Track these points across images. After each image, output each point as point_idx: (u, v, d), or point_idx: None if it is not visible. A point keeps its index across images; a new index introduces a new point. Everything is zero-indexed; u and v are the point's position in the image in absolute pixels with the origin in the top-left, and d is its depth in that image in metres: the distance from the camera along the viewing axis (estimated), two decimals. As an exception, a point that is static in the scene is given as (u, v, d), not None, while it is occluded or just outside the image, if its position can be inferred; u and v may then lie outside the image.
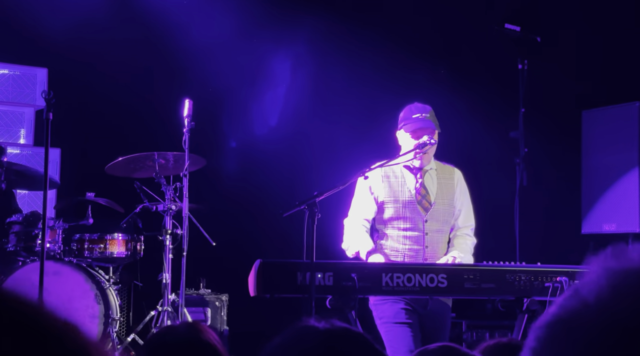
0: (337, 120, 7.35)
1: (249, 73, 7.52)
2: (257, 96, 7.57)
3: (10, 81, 7.32)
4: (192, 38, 7.25)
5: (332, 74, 7.38)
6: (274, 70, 7.54)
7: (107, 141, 7.19)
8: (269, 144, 7.46)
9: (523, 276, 4.21)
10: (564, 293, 0.91)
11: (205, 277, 6.68)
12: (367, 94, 7.33)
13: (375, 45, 7.33)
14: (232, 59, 7.42)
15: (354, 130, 7.16)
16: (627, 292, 0.84)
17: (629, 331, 0.82)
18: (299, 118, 7.43)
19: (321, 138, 7.32)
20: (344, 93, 7.37)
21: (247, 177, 7.43)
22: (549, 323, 0.89)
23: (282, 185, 7.03)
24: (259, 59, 7.51)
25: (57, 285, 5.87)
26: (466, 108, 7.01)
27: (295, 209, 3.97)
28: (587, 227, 6.94)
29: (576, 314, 0.86)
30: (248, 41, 7.44)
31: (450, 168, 4.58)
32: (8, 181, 6.04)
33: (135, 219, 6.22)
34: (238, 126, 7.59)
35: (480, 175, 6.23)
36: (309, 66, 7.42)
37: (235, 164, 7.56)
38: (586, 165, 7.00)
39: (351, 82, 7.37)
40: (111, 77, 7.14)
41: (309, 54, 7.38)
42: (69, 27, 7.03)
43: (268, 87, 7.57)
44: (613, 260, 0.89)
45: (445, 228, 4.47)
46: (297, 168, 7.26)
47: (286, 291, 4.04)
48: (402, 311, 4.24)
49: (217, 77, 7.33)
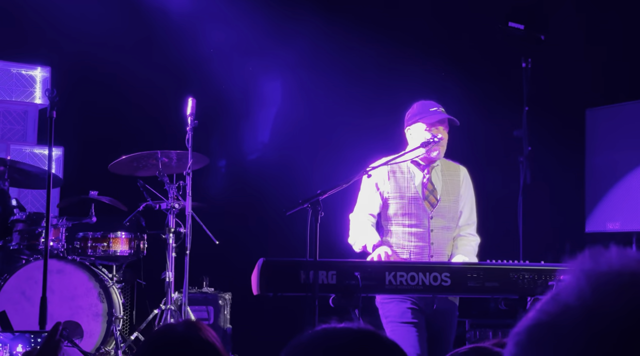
0: (340, 119, 7.34)
1: (252, 72, 7.51)
2: (260, 96, 7.56)
3: (13, 79, 7.33)
4: (196, 36, 7.25)
5: (335, 72, 7.37)
6: (277, 69, 7.53)
7: (110, 139, 7.19)
8: (272, 142, 7.45)
9: (527, 275, 4.20)
10: (542, 299, 0.90)
11: (209, 276, 6.67)
12: (370, 92, 7.32)
13: (378, 43, 7.32)
14: (236, 58, 7.41)
15: (357, 129, 7.15)
16: (610, 293, 0.84)
17: (614, 331, 0.82)
18: (302, 117, 7.42)
19: (324, 137, 7.31)
20: (347, 92, 7.36)
21: (250, 175, 7.43)
22: (529, 328, 0.88)
23: (285, 184, 7.02)
24: (263, 57, 7.50)
25: (61, 284, 5.87)
26: (470, 106, 7.00)
27: (299, 207, 3.96)
28: (591, 225, 6.92)
29: (559, 317, 0.86)
30: (252, 40, 7.43)
31: (456, 165, 4.58)
32: (12, 180, 6.04)
33: (139, 217, 6.22)
34: (241, 125, 7.59)
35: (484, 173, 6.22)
36: (311, 65, 7.41)
37: (239, 163, 7.55)
38: (590, 164, 6.99)
39: (354, 80, 7.36)
40: (115, 75, 7.14)
41: (312, 52, 7.37)
42: (72, 25, 7.04)
43: (271, 87, 7.57)
44: (591, 262, 0.89)
45: (451, 225, 4.45)
46: (300, 166, 7.25)
47: (289, 290, 4.04)
48: (408, 310, 4.23)
49: (220, 75, 7.33)
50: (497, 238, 5.17)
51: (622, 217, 6.70)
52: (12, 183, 6.08)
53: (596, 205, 6.91)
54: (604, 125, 6.91)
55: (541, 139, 6.22)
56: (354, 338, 1.33)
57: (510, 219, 5.62)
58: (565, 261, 4.31)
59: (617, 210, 6.73)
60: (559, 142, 7.08)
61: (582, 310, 0.85)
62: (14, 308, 5.58)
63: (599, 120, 6.96)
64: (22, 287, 5.76)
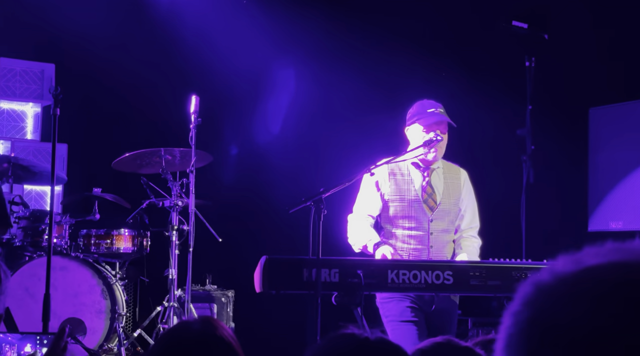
0: (344, 117, 7.34)
1: (256, 70, 7.51)
2: (263, 94, 7.57)
3: (17, 77, 7.34)
4: (200, 34, 7.25)
5: (340, 70, 7.37)
6: (280, 69, 7.53)
7: (114, 137, 7.20)
8: (275, 141, 7.46)
9: (529, 274, 4.20)
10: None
11: (212, 273, 6.68)
12: (373, 91, 7.32)
13: (382, 41, 7.32)
14: (240, 56, 7.41)
15: (360, 127, 7.16)
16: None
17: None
18: (305, 115, 7.42)
19: (328, 135, 7.32)
20: (350, 91, 7.36)
21: (254, 173, 7.44)
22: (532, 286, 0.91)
23: (288, 182, 7.02)
24: (267, 56, 7.50)
25: (64, 280, 5.89)
26: (473, 105, 7.00)
27: (302, 205, 3.96)
28: (594, 224, 6.92)
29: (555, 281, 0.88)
30: (256, 37, 7.44)
31: (456, 168, 4.57)
32: (15, 177, 6.05)
33: (142, 215, 6.23)
34: (244, 123, 7.59)
35: (487, 172, 6.23)
36: (316, 63, 7.41)
37: (242, 160, 7.56)
38: (593, 163, 6.98)
39: (357, 79, 7.36)
40: (118, 73, 7.15)
41: (317, 51, 7.37)
42: (76, 23, 7.04)
43: (275, 85, 7.57)
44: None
45: (450, 227, 4.45)
46: (303, 164, 7.26)
47: (292, 288, 4.04)
48: (407, 309, 4.23)
49: (224, 73, 7.33)
50: (500, 237, 5.17)
51: (625, 216, 6.69)
52: (15, 180, 6.09)
53: (599, 204, 6.91)
54: (608, 124, 6.91)
55: (544, 138, 6.21)
56: (359, 346, 1.35)
57: (513, 218, 5.61)
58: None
59: (620, 209, 6.72)
60: (563, 141, 7.07)
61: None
62: (18, 304, 5.60)
63: (603, 119, 6.95)
64: (26, 284, 5.77)
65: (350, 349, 1.35)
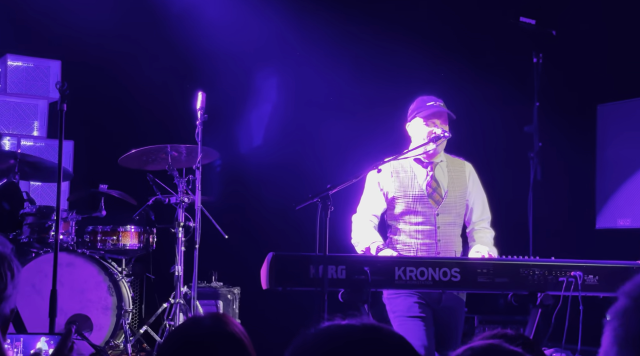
0: (349, 114, 7.33)
1: (261, 67, 7.50)
2: (268, 92, 7.55)
3: (24, 73, 7.34)
4: (206, 31, 7.24)
5: (346, 67, 7.36)
6: (286, 66, 7.52)
7: (120, 133, 7.20)
8: (282, 137, 7.44)
9: (537, 271, 4.18)
10: None
11: (218, 270, 6.68)
12: (379, 88, 7.30)
13: (389, 38, 7.30)
14: (246, 53, 7.41)
15: (366, 124, 7.14)
16: None
17: None
18: (311, 112, 7.41)
19: (334, 132, 7.30)
20: (356, 87, 7.35)
21: (260, 169, 7.42)
22: None
23: (295, 178, 7.01)
24: (270, 55, 7.49)
25: (70, 277, 5.89)
26: (480, 101, 6.98)
27: (308, 202, 3.95)
28: (602, 221, 6.89)
29: None
30: (261, 35, 7.43)
31: (460, 161, 4.56)
32: (22, 173, 6.06)
33: (148, 211, 6.22)
34: (251, 119, 7.58)
35: (494, 169, 6.20)
36: (321, 60, 7.39)
37: (248, 157, 7.55)
38: (601, 160, 6.95)
39: (363, 76, 7.34)
40: (125, 69, 7.15)
41: (322, 48, 7.36)
42: (82, 19, 7.04)
43: (279, 83, 7.56)
44: None
45: (458, 221, 4.44)
46: (309, 161, 7.24)
47: (298, 285, 4.03)
48: (415, 305, 4.22)
49: (229, 70, 7.32)
50: (507, 234, 5.14)
51: (633, 214, 6.66)
52: (22, 176, 6.09)
53: (607, 202, 6.88)
54: (615, 121, 6.88)
55: (552, 135, 6.19)
56: (357, 338, 1.31)
57: (520, 215, 5.60)
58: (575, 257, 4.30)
59: (628, 207, 6.69)
60: (570, 138, 7.04)
61: None
62: (24, 301, 5.60)
63: (610, 116, 6.92)
64: (32, 280, 5.77)
65: (344, 343, 1.30)
